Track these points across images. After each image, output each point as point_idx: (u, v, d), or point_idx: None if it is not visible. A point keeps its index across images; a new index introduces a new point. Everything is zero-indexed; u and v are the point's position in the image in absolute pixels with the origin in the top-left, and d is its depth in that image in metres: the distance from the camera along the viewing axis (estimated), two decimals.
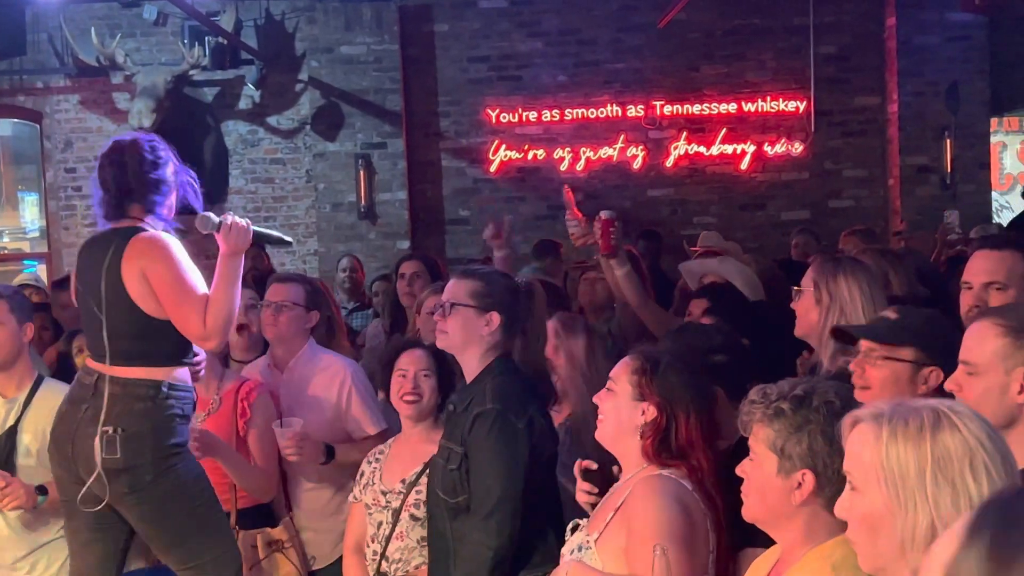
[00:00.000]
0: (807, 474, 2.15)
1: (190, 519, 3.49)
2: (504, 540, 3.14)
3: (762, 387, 2.27)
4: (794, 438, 2.16)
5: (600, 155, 9.98)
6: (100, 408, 3.40)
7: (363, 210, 9.74)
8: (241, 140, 10.12)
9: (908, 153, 9.78)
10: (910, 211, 9.54)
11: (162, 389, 3.42)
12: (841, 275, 3.26)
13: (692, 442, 2.67)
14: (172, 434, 3.44)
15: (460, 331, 3.32)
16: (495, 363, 3.32)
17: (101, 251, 3.46)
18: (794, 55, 9.98)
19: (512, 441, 3.16)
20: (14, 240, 11.03)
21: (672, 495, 2.60)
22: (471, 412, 3.23)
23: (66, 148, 10.15)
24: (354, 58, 9.74)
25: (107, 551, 3.54)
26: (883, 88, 9.96)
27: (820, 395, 2.20)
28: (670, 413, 2.68)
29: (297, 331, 4.23)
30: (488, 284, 3.36)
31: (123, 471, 3.38)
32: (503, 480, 3.15)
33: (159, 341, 3.45)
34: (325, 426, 4.14)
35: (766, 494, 2.19)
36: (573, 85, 10.03)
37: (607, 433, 2.80)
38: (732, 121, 9.98)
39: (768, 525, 2.26)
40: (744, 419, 2.24)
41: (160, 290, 3.40)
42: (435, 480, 3.39)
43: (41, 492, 3.85)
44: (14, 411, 3.95)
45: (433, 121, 10.10)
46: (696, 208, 10.09)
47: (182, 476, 3.46)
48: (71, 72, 9.99)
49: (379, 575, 3.67)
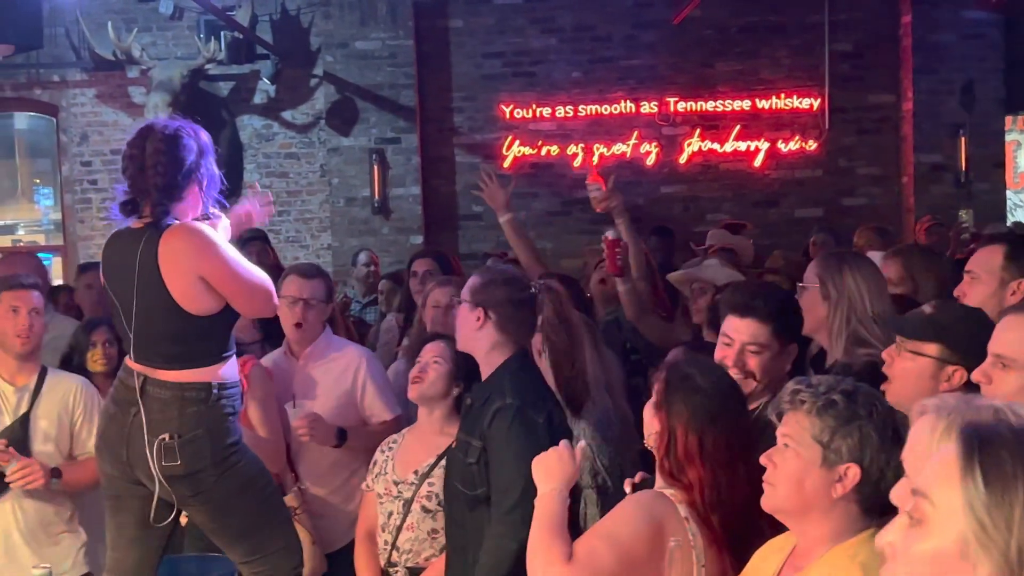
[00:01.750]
0: (852, 468, 2.13)
1: (256, 513, 3.49)
2: (526, 534, 3.13)
3: (803, 379, 2.25)
4: (843, 431, 2.13)
5: (613, 151, 9.98)
6: (152, 412, 3.34)
7: (377, 205, 9.77)
8: (256, 134, 10.16)
9: (922, 151, 9.76)
10: (924, 209, 9.50)
11: (213, 391, 3.36)
12: (847, 269, 3.27)
13: (690, 457, 2.59)
14: (228, 433, 3.40)
15: (459, 326, 3.40)
16: (511, 359, 3.33)
17: (132, 252, 3.33)
18: (809, 52, 9.98)
19: (532, 435, 3.17)
20: (29, 232, 11.09)
21: (649, 514, 2.55)
22: (490, 407, 3.25)
23: (82, 142, 10.20)
24: (369, 53, 9.77)
25: (151, 548, 3.53)
26: (898, 86, 9.95)
27: (866, 393, 2.19)
28: (671, 428, 2.63)
29: (319, 324, 4.30)
30: (484, 282, 3.38)
31: (185, 476, 3.34)
32: (524, 475, 3.14)
33: (202, 342, 3.38)
34: (340, 413, 4.17)
35: (804, 484, 2.16)
36: (587, 81, 10.04)
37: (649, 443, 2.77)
38: (746, 118, 9.98)
39: (793, 516, 2.22)
40: (783, 408, 2.21)
41: (223, 280, 3.33)
42: (453, 473, 3.42)
43: (55, 475, 3.92)
44: (26, 399, 4.02)
45: (447, 117, 10.12)
46: (709, 205, 10.09)
47: (243, 472, 3.44)
48: (87, 66, 10.04)
49: (390, 564, 3.70)
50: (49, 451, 3.99)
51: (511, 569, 3.15)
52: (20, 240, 11.04)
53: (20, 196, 11.07)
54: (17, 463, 3.82)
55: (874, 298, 3.22)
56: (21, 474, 3.81)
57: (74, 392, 4.08)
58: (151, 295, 3.33)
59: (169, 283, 3.30)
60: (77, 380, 4.17)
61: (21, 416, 3.98)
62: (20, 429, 3.96)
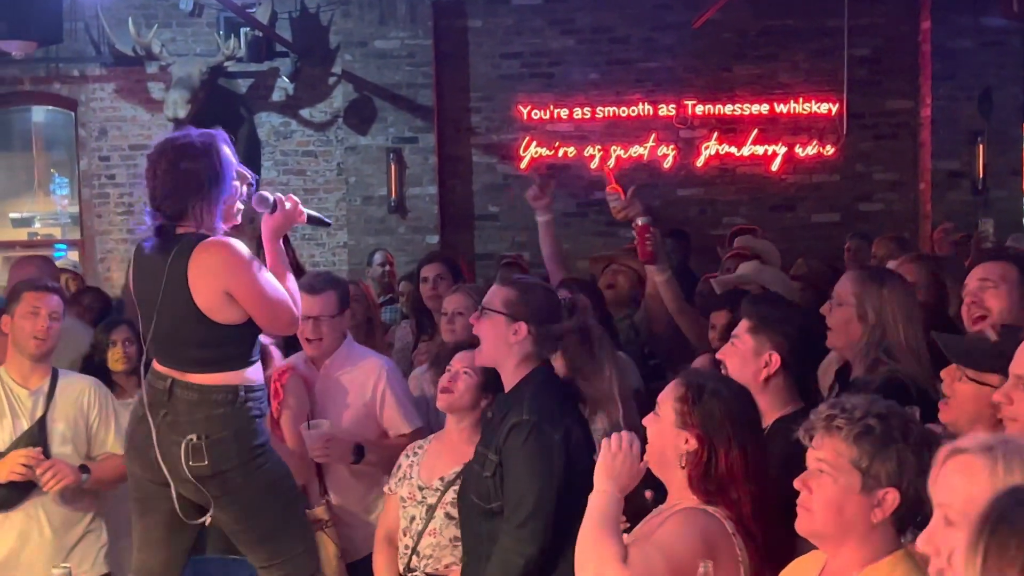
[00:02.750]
0: (891, 492, 2.13)
1: (279, 516, 3.51)
2: (535, 550, 3.16)
3: (835, 401, 2.24)
4: (882, 455, 2.13)
5: (631, 153, 9.97)
6: (180, 414, 3.38)
7: (393, 204, 9.78)
8: (274, 132, 10.18)
9: (940, 158, 9.73)
10: (940, 216, 9.48)
11: (239, 393, 3.39)
12: (886, 292, 3.25)
13: (733, 475, 2.60)
14: (254, 435, 3.43)
15: (490, 338, 3.35)
16: (533, 372, 3.33)
17: (161, 262, 3.37)
18: (827, 57, 9.96)
19: (547, 453, 3.18)
20: (46, 226, 11.11)
21: (702, 533, 2.54)
22: (508, 422, 3.25)
23: (100, 136, 10.24)
24: (387, 52, 9.78)
25: (177, 549, 3.56)
26: (916, 92, 9.92)
27: (899, 415, 2.18)
28: (710, 445, 2.61)
29: (334, 336, 4.23)
30: (523, 294, 3.36)
31: (212, 476, 3.37)
32: (537, 491, 3.16)
33: (228, 347, 3.41)
34: (359, 423, 4.16)
35: (843, 510, 2.16)
36: (605, 83, 10.03)
37: (652, 459, 2.73)
38: (764, 122, 9.97)
39: (830, 540, 2.22)
40: (815, 433, 2.21)
41: (249, 298, 3.36)
42: (469, 485, 3.42)
43: (84, 471, 3.95)
44: (40, 402, 4.03)
45: (464, 117, 10.12)
46: (725, 208, 10.08)
47: (270, 475, 3.48)
48: (107, 61, 10.07)
49: (408, 569, 3.69)
50: (67, 452, 4.01)
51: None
52: (36, 233, 11.07)
53: (37, 189, 11.11)
54: (42, 466, 3.84)
55: (907, 323, 3.22)
56: (51, 474, 3.83)
57: (87, 393, 4.11)
58: (178, 303, 3.36)
59: (196, 295, 3.34)
60: (88, 380, 4.19)
61: (38, 419, 4.00)
62: (38, 432, 3.99)
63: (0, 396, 4.01)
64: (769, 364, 3.13)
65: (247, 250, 3.43)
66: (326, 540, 4.04)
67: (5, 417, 3.99)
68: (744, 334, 3.21)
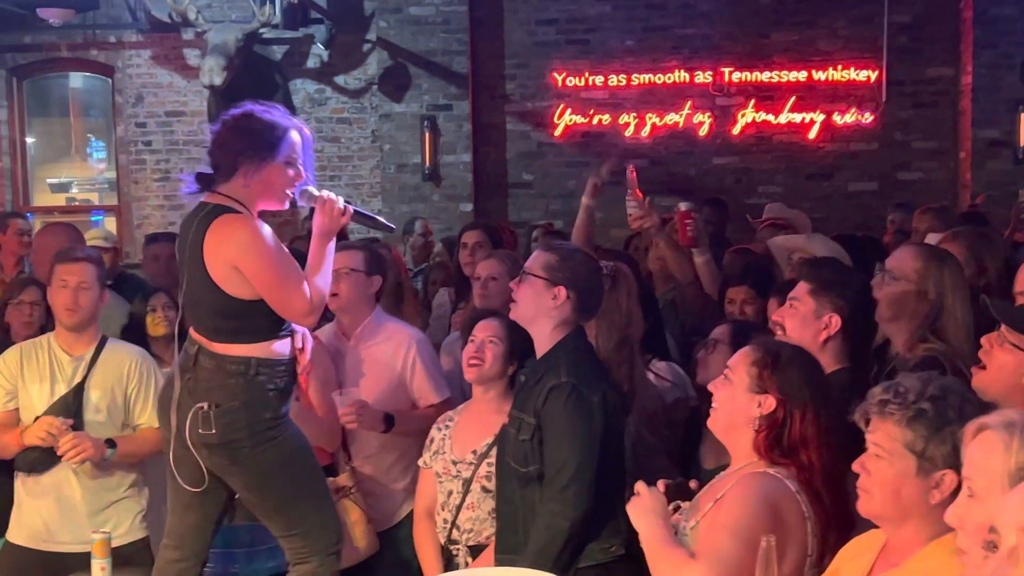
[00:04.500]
0: (948, 474, 2.12)
1: (293, 488, 3.53)
2: (579, 512, 3.18)
3: (889, 384, 2.24)
4: (936, 439, 2.13)
5: (666, 121, 9.90)
6: (199, 380, 3.43)
7: (427, 172, 9.78)
8: (308, 99, 10.19)
9: (980, 126, 9.58)
10: (980, 185, 9.38)
11: (252, 365, 3.41)
12: (947, 271, 3.24)
13: (806, 439, 2.64)
14: (267, 408, 3.45)
15: (529, 301, 3.36)
16: (568, 337, 3.34)
17: (188, 227, 3.46)
18: (867, 24, 9.81)
19: (587, 415, 3.20)
20: (83, 191, 11.21)
21: (764, 495, 2.58)
22: (545, 385, 3.26)
23: (137, 103, 10.30)
24: (422, 19, 9.74)
25: (206, 514, 3.59)
26: (957, 59, 9.77)
27: (956, 393, 2.17)
28: (788, 408, 2.65)
29: (359, 297, 4.21)
30: (564, 259, 3.37)
31: (220, 445, 3.41)
32: (578, 453, 3.18)
33: (243, 319, 3.43)
34: (389, 394, 4.17)
35: (900, 493, 2.17)
36: (641, 50, 9.95)
37: (719, 422, 2.78)
38: (801, 89, 9.85)
39: (890, 522, 2.24)
40: (870, 416, 2.21)
41: (256, 278, 3.38)
42: (506, 449, 3.44)
43: (110, 445, 3.98)
44: (81, 369, 4.08)
45: (499, 84, 10.08)
46: (761, 177, 10.00)
47: (283, 448, 3.49)
48: (143, 28, 10.12)
49: (450, 543, 3.73)
50: (100, 420, 4.05)
51: (563, 547, 3.19)
52: (75, 199, 11.17)
53: (74, 155, 11.19)
54: (65, 437, 3.88)
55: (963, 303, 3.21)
56: (71, 446, 3.87)
57: (129, 363, 4.13)
58: (197, 270, 3.42)
59: (208, 264, 3.39)
60: (135, 351, 4.22)
61: (75, 386, 4.05)
62: (74, 399, 4.03)
63: (44, 361, 4.07)
64: (829, 326, 3.22)
65: (268, 232, 3.44)
66: (350, 506, 4.07)
67: (45, 381, 4.05)
68: (805, 296, 3.26)
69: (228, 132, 3.48)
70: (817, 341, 3.18)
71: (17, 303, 4.65)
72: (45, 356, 4.09)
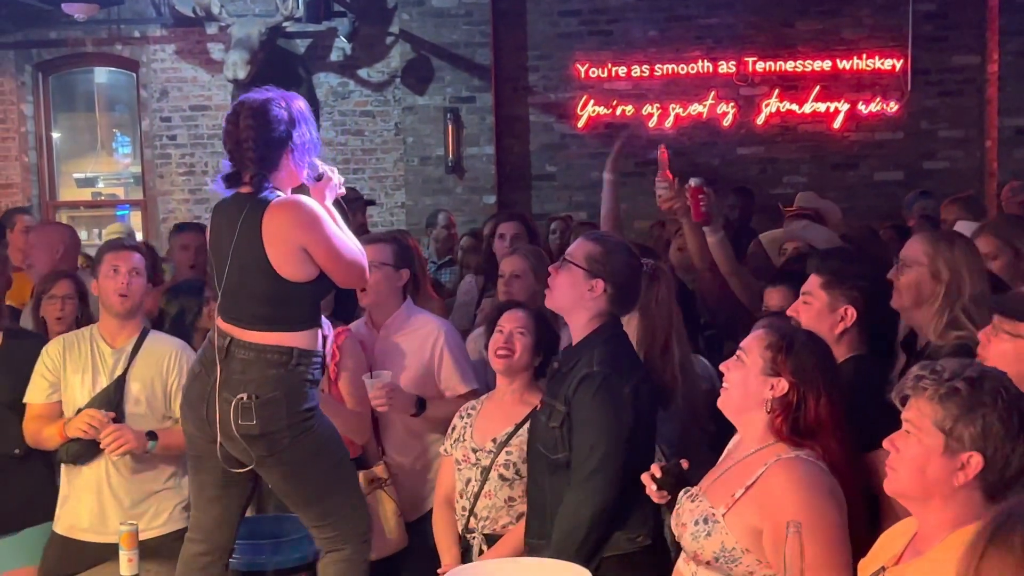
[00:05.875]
0: (975, 456, 2.11)
1: (327, 478, 3.55)
2: (604, 501, 3.19)
3: (927, 363, 2.23)
4: (966, 419, 2.12)
5: (690, 112, 9.87)
6: (234, 372, 3.43)
7: (451, 164, 9.78)
8: (332, 92, 10.22)
9: (1007, 114, 9.51)
10: (1007, 174, 9.29)
11: (293, 355, 3.43)
12: (957, 249, 3.21)
13: (821, 423, 2.67)
14: (304, 399, 3.47)
15: (566, 289, 3.38)
16: (603, 327, 3.35)
17: (234, 217, 3.44)
18: (892, 12, 9.75)
19: (617, 405, 3.21)
20: (109, 185, 11.28)
21: (824, 488, 2.60)
22: (577, 373, 3.27)
23: (162, 97, 10.35)
24: (445, 11, 9.75)
25: (230, 506, 3.61)
26: (983, 47, 9.69)
27: (993, 379, 2.16)
28: (800, 392, 2.68)
29: (389, 290, 4.25)
30: (607, 252, 3.37)
31: (260, 436, 3.42)
32: (606, 443, 3.19)
33: (293, 307, 3.45)
34: (417, 383, 4.18)
35: (925, 471, 2.16)
36: (664, 40, 9.92)
37: (731, 402, 2.80)
38: (826, 79, 9.80)
39: (915, 501, 2.23)
40: (905, 393, 2.21)
41: (326, 253, 3.43)
42: (536, 435, 3.46)
43: (152, 437, 4.01)
44: (122, 361, 4.12)
45: (522, 76, 10.07)
46: (786, 167, 9.96)
47: (317, 438, 3.51)
48: (167, 22, 10.17)
49: (468, 531, 3.74)
50: (141, 412, 4.08)
51: (586, 535, 3.20)
52: (100, 193, 11.24)
53: (100, 150, 11.26)
54: (107, 430, 3.91)
55: (980, 280, 3.18)
56: (112, 438, 3.91)
57: (170, 355, 4.16)
58: (248, 257, 3.42)
59: (269, 249, 3.39)
60: (175, 344, 4.24)
61: (116, 378, 4.09)
62: (115, 392, 4.07)
63: (87, 353, 4.12)
64: (845, 318, 3.19)
65: (320, 207, 3.50)
66: (384, 498, 4.10)
67: (87, 373, 4.09)
68: (817, 290, 3.23)
69: (258, 126, 3.45)
70: (833, 333, 3.16)
71: (49, 297, 4.69)
72: (87, 347, 4.13)
